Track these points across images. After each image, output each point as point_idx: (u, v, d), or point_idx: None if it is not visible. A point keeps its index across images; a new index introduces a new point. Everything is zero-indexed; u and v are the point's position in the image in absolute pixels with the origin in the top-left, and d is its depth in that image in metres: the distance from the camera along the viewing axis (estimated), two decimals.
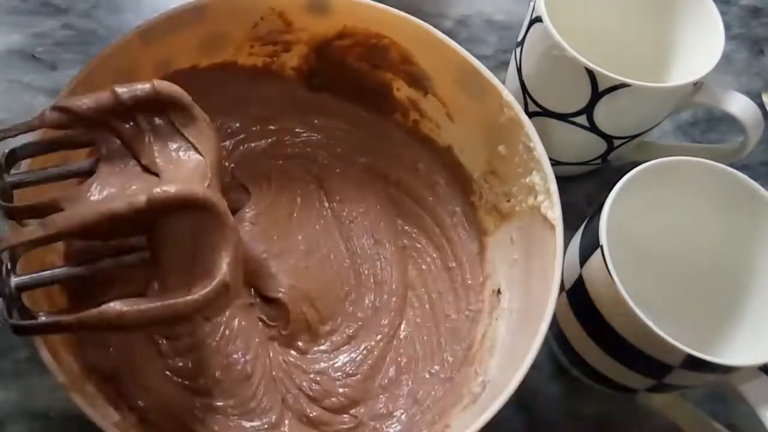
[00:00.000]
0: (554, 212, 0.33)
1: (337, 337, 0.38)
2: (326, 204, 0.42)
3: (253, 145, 0.42)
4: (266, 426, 0.34)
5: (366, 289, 0.40)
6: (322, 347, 0.38)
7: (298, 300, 0.38)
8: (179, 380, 0.35)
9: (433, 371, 0.37)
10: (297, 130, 0.43)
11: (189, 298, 0.25)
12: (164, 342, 0.35)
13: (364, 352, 0.38)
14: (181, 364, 0.35)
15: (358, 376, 0.37)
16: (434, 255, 0.41)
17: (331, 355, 0.37)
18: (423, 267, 0.41)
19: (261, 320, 0.38)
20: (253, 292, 0.38)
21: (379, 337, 0.38)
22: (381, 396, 0.36)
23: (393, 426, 0.35)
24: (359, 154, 0.43)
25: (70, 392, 0.28)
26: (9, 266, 0.26)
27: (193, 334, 0.36)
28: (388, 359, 0.38)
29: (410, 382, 0.37)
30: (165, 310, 0.25)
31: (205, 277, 0.26)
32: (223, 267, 0.26)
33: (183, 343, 0.36)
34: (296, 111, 0.43)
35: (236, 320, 0.37)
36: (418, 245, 0.41)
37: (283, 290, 0.38)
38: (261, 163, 0.42)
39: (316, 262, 0.40)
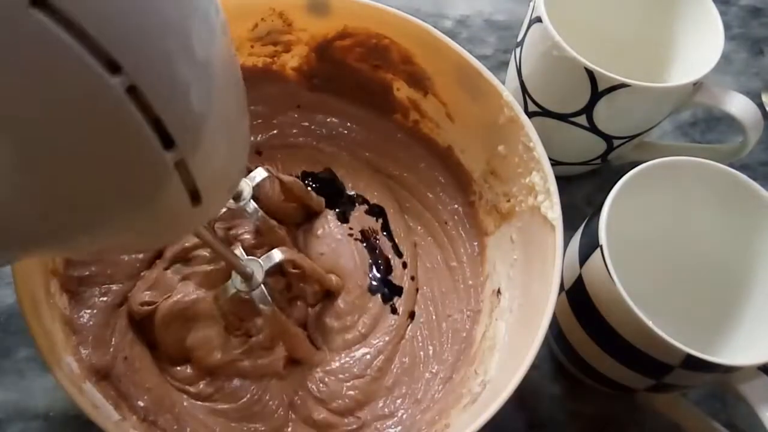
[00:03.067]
0: (554, 212, 0.33)
1: (349, 335, 0.38)
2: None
3: (252, 138, 0.42)
4: (269, 429, 0.34)
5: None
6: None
7: None
8: (179, 384, 0.34)
9: (433, 371, 0.37)
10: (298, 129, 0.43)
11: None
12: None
13: (375, 352, 0.37)
14: (179, 368, 0.35)
15: (366, 377, 0.36)
16: (438, 253, 0.41)
17: (342, 355, 0.37)
18: (428, 265, 0.41)
19: None
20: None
21: (387, 338, 0.38)
22: (382, 396, 0.36)
23: (394, 426, 0.35)
24: (361, 152, 0.43)
25: (70, 392, 0.28)
26: None
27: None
28: (396, 360, 0.37)
29: (411, 382, 0.37)
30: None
31: None
32: None
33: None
34: (297, 111, 0.43)
35: None
36: (423, 243, 0.41)
37: None
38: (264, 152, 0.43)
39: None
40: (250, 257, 0.34)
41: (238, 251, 0.35)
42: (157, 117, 0.17)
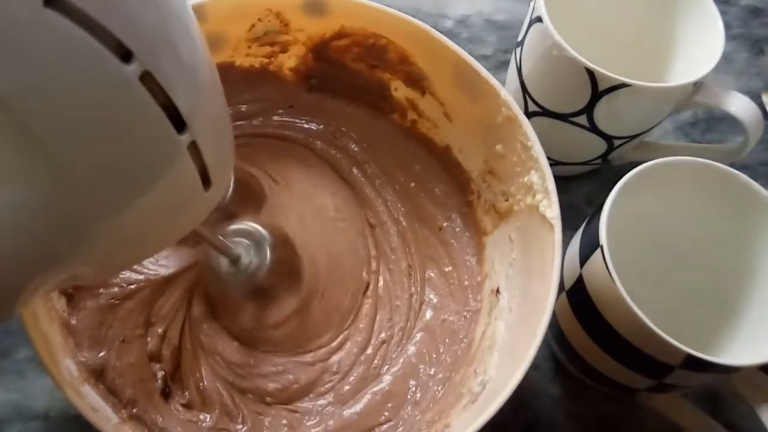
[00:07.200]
0: (552, 211, 0.33)
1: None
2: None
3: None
4: None
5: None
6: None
7: None
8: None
9: (432, 371, 0.37)
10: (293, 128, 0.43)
11: None
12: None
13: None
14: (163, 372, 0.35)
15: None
16: (436, 253, 0.41)
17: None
18: (426, 265, 0.40)
19: None
20: None
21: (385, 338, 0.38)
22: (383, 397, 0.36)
23: (393, 427, 0.35)
24: (357, 152, 0.43)
25: (69, 396, 0.28)
26: None
27: None
28: (395, 359, 0.37)
29: (409, 383, 0.37)
30: None
31: None
32: None
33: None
34: (294, 112, 0.43)
35: None
36: (421, 242, 0.41)
37: None
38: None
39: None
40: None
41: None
42: (170, 102, 0.19)
